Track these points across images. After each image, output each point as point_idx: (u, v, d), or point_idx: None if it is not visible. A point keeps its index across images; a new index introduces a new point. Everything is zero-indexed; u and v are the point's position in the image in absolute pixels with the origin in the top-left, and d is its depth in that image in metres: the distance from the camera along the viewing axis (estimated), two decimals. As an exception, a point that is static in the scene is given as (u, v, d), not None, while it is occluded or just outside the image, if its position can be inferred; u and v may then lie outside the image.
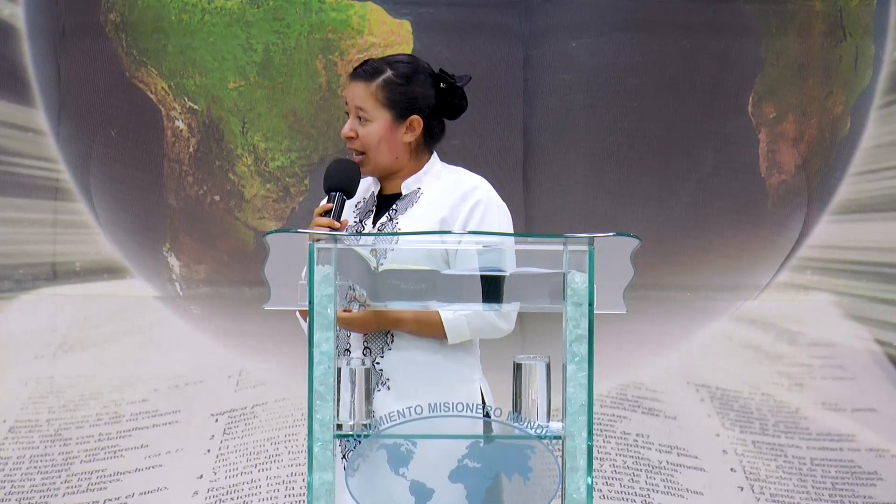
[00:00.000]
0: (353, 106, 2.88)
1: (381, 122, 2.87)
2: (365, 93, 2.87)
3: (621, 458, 4.53)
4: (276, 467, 4.47)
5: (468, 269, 2.37)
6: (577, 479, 2.22)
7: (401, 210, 2.88)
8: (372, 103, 2.87)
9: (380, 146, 2.88)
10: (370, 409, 2.32)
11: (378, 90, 2.87)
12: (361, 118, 2.87)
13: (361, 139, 2.88)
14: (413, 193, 2.90)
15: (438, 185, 2.89)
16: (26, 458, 4.54)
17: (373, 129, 2.87)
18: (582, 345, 2.23)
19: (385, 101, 2.87)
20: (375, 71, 2.89)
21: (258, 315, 4.42)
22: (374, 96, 2.87)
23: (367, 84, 2.87)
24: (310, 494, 2.22)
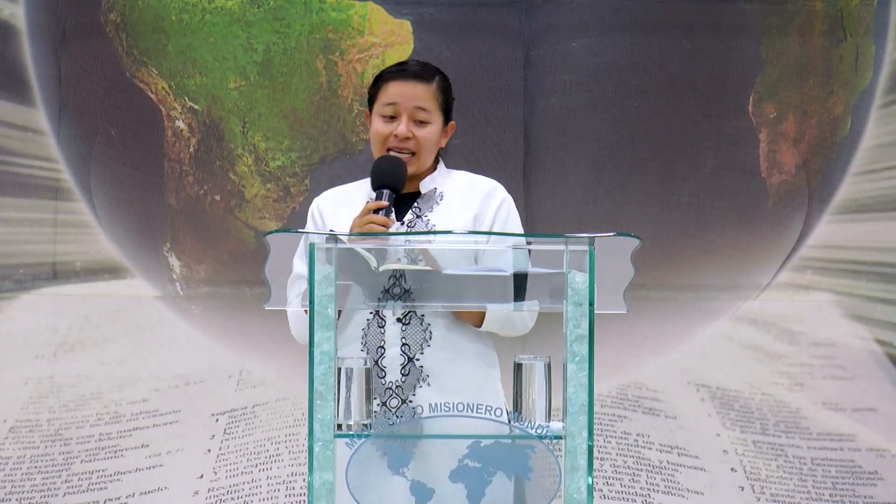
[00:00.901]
0: (413, 106, 2.84)
1: (437, 124, 2.88)
2: (427, 93, 2.86)
3: (622, 458, 4.53)
4: (276, 467, 4.47)
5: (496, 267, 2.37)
6: (578, 479, 2.22)
7: (425, 208, 2.87)
8: (433, 105, 2.87)
9: (433, 149, 2.89)
10: (370, 409, 2.32)
11: (437, 92, 2.88)
12: (421, 121, 2.85)
13: (419, 140, 2.85)
14: (432, 192, 2.89)
15: (454, 185, 2.90)
16: (27, 458, 4.54)
17: (432, 131, 2.87)
18: (582, 345, 2.23)
19: (441, 103, 2.89)
20: (430, 72, 2.89)
21: (258, 315, 4.42)
22: (435, 98, 2.87)
23: (428, 85, 2.87)
24: (310, 494, 2.22)
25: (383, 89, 2.89)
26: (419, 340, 2.81)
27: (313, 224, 2.94)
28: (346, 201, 2.94)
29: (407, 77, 2.86)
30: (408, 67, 2.89)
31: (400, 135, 2.84)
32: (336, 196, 2.98)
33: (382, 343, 2.80)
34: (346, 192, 2.97)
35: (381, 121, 2.87)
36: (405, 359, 2.78)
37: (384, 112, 2.87)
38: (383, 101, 2.87)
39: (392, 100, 2.86)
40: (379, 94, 2.89)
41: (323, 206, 2.96)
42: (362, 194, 2.94)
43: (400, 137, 2.84)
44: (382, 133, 2.86)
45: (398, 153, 2.85)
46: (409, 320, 2.80)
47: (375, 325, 2.80)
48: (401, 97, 2.85)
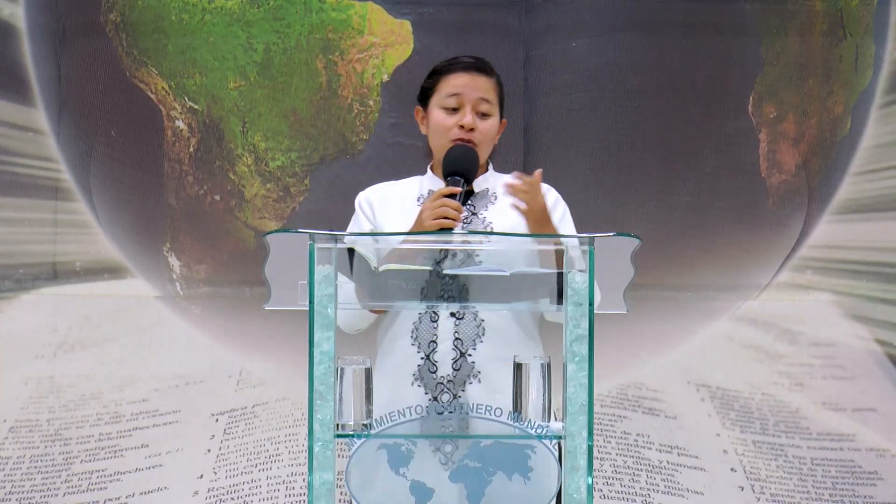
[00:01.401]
0: (477, 98, 2.85)
1: (496, 118, 2.89)
2: (489, 86, 2.87)
3: (622, 457, 4.53)
4: (276, 467, 4.47)
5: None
6: (578, 479, 2.22)
7: (480, 206, 2.87)
8: (494, 98, 2.88)
9: (491, 143, 2.89)
10: (370, 409, 2.32)
11: (496, 86, 2.90)
12: (484, 113, 2.86)
13: (481, 132, 2.85)
14: (484, 192, 2.89)
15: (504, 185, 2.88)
16: (26, 458, 4.54)
17: (493, 125, 2.88)
18: (582, 345, 2.23)
19: (499, 97, 2.91)
20: (490, 67, 2.90)
21: (258, 315, 4.43)
22: (495, 91, 2.89)
23: (489, 78, 2.89)
24: (310, 494, 2.22)
25: (444, 81, 2.88)
26: (472, 336, 2.79)
27: (363, 216, 2.92)
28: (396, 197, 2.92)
29: (469, 69, 2.86)
30: (469, 60, 2.89)
31: (466, 125, 2.83)
32: (384, 191, 2.96)
33: (434, 338, 2.79)
34: (395, 188, 2.95)
35: (444, 112, 2.86)
36: (457, 354, 2.78)
37: (447, 104, 2.86)
38: (446, 92, 2.86)
39: (456, 90, 2.85)
40: (439, 87, 2.88)
41: (372, 199, 2.94)
42: (412, 192, 2.93)
43: (466, 128, 2.83)
44: (447, 124, 2.85)
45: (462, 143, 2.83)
46: (462, 315, 2.79)
47: (428, 320, 2.79)
48: (465, 88, 2.84)
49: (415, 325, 2.80)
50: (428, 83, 2.91)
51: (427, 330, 2.79)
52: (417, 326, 2.80)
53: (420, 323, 2.80)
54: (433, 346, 2.79)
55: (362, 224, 2.92)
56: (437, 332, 2.79)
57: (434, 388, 2.76)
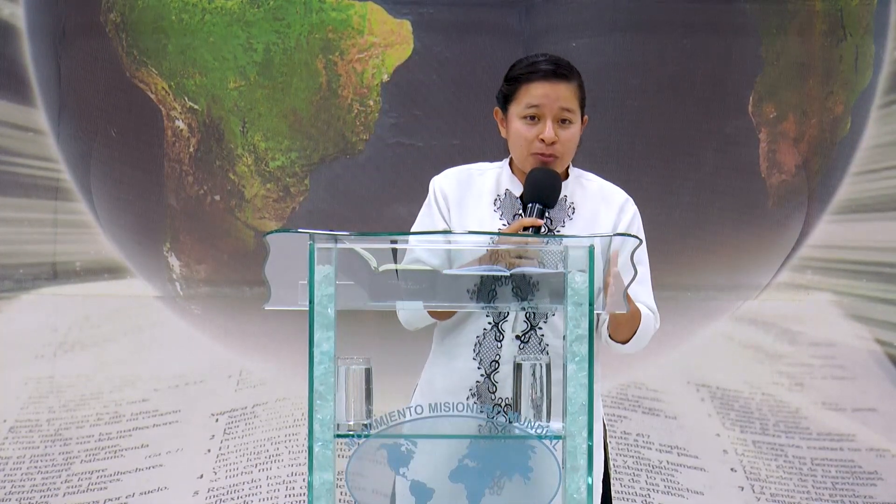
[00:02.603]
0: (559, 108, 2.72)
1: (578, 123, 2.77)
2: (570, 92, 2.75)
3: (622, 457, 4.53)
4: (276, 467, 4.47)
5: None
6: (577, 479, 2.22)
7: (557, 221, 2.76)
8: (576, 104, 2.75)
9: (574, 149, 2.78)
10: (370, 409, 2.32)
11: (577, 90, 2.77)
12: (566, 120, 2.74)
13: (563, 143, 2.73)
14: (562, 202, 2.78)
15: (585, 195, 2.80)
16: (26, 458, 4.54)
17: (575, 132, 2.76)
18: (582, 345, 2.23)
19: (581, 101, 2.77)
20: (571, 71, 2.78)
21: (258, 315, 4.43)
22: (577, 96, 2.76)
23: (570, 84, 2.76)
24: (310, 494, 2.22)
25: (524, 90, 2.75)
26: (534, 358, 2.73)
27: (437, 208, 2.80)
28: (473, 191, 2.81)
29: (550, 77, 2.73)
30: (550, 67, 2.76)
31: (548, 139, 2.71)
32: (459, 180, 2.82)
33: (497, 358, 2.72)
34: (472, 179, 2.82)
35: (524, 123, 2.74)
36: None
37: (526, 113, 2.73)
38: (526, 102, 2.74)
39: (536, 101, 2.73)
40: (518, 95, 2.76)
41: (449, 193, 2.81)
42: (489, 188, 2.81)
43: (547, 142, 2.71)
44: (527, 136, 2.73)
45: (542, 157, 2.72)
46: (527, 339, 2.72)
47: (492, 338, 2.73)
48: (545, 98, 2.72)
49: (479, 340, 2.74)
50: (507, 89, 2.79)
51: (490, 348, 2.73)
52: (481, 342, 2.74)
53: (484, 339, 2.73)
54: (495, 365, 2.73)
55: (435, 218, 2.80)
56: (500, 353, 2.73)
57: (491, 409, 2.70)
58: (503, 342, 2.73)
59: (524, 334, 2.72)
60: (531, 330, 2.72)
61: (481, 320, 2.73)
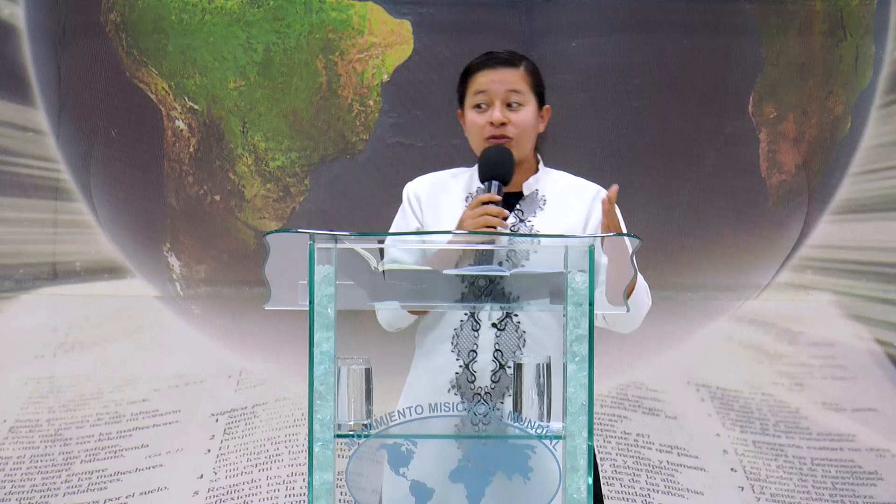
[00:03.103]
0: (505, 91, 2.78)
1: (531, 107, 2.82)
2: (516, 77, 2.80)
3: (622, 458, 4.53)
4: (276, 467, 4.47)
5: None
6: (577, 479, 2.22)
7: (528, 212, 2.80)
8: (524, 87, 2.81)
9: (530, 133, 2.82)
10: (370, 409, 2.32)
11: (526, 74, 2.82)
12: (514, 104, 2.79)
13: (516, 124, 2.79)
14: (534, 195, 2.82)
15: (556, 188, 2.84)
16: (26, 458, 4.54)
17: (527, 114, 2.80)
18: (582, 345, 2.23)
19: (532, 86, 2.83)
20: (517, 57, 2.84)
21: (258, 315, 4.43)
22: (525, 80, 2.81)
23: (516, 69, 2.82)
24: (310, 494, 2.22)
25: (472, 81, 2.83)
26: (512, 347, 2.74)
27: (410, 210, 2.85)
28: (444, 191, 2.86)
29: (494, 64, 2.81)
30: (493, 55, 2.83)
31: (496, 121, 2.77)
32: (433, 183, 2.89)
33: (475, 347, 2.74)
34: (443, 182, 2.88)
35: (475, 112, 2.81)
36: (497, 365, 2.74)
37: (476, 101, 2.81)
38: (473, 90, 2.82)
39: (482, 88, 2.80)
40: (469, 87, 2.83)
41: (421, 194, 2.87)
42: (460, 185, 2.87)
43: (496, 123, 2.77)
44: (478, 123, 2.80)
45: (495, 140, 2.78)
46: (504, 326, 2.74)
47: (469, 328, 2.75)
48: (491, 84, 2.79)
49: (456, 332, 2.76)
50: (460, 87, 2.86)
51: (468, 338, 2.75)
52: (458, 334, 2.76)
53: (461, 330, 2.75)
54: (473, 355, 2.74)
55: (409, 220, 2.86)
56: (477, 342, 2.74)
57: (472, 398, 2.72)
58: (480, 331, 2.75)
59: (500, 322, 2.74)
60: (507, 317, 2.73)
61: (458, 313, 2.74)
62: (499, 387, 2.72)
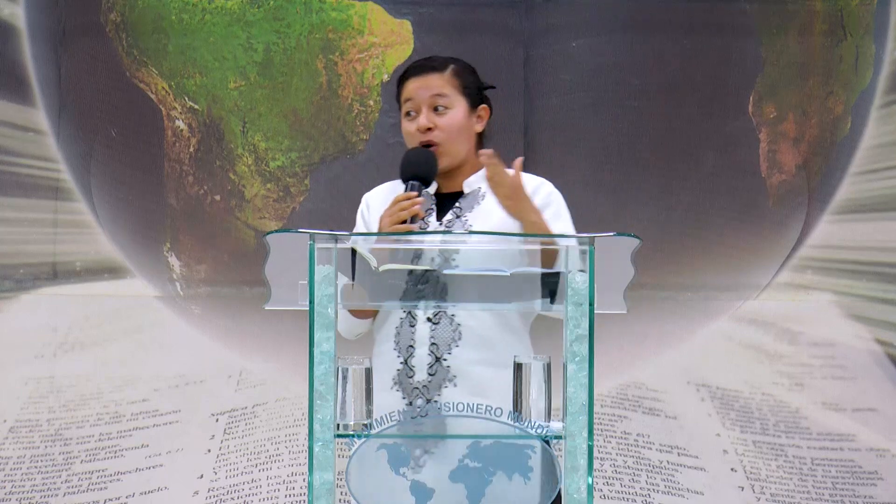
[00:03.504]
0: (430, 96, 2.84)
1: (460, 108, 2.86)
2: (441, 81, 2.85)
3: (622, 457, 4.53)
4: (276, 467, 4.47)
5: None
6: (578, 479, 2.22)
7: (466, 208, 2.85)
8: (451, 90, 2.86)
9: (460, 135, 2.86)
10: (370, 409, 2.32)
11: (453, 77, 2.87)
12: (440, 107, 2.84)
13: (442, 128, 2.84)
14: (475, 192, 2.87)
15: None
16: (26, 458, 4.54)
17: (454, 116, 2.85)
18: (582, 345, 2.23)
19: (461, 87, 2.87)
20: (442, 62, 2.89)
21: (258, 315, 4.43)
22: (451, 83, 2.86)
23: (441, 73, 2.87)
24: (310, 494, 2.22)
25: (402, 90, 2.90)
26: (447, 340, 2.78)
27: (362, 219, 2.94)
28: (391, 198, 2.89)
29: (418, 72, 2.87)
30: (419, 62, 2.91)
31: (420, 127, 2.84)
32: (384, 191, 2.95)
33: (412, 342, 2.79)
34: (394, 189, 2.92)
35: (406, 120, 2.88)
36: (433, 358, 2.77)
37: (405, 110, 2.88)
38: (403, 99, 2.89)
39: (409, 95, 2.87)
40: (400, 97, 2.91)
41: (372, 200, 2.95)
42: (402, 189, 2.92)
43: (422, 130, 2.84)
44: (409, 131, 2.87)
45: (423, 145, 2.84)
46: (438, 320, 2.79)
47: (407, 325, 2.80)
48: (416, 91, 2.86)
49: (397, 330, 2.81)
50: (396, 97, 2.93)
51: (406, 335, 2.79)
52: (399, 331, 2.80)
53: (401, 328, 2.80)
54: (411, 350, 2.79)
55: (359, 226, 2.94)
56: (414, 338, 2.79)
57: (410, 393, 2.76)
58: (416, 326, 2.79)
59: (435, 316, 2.78)
60: (441, 311, 2.77)
61: (399, 311, 2.79)
62: (435, 380, 2.77)
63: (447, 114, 2.85)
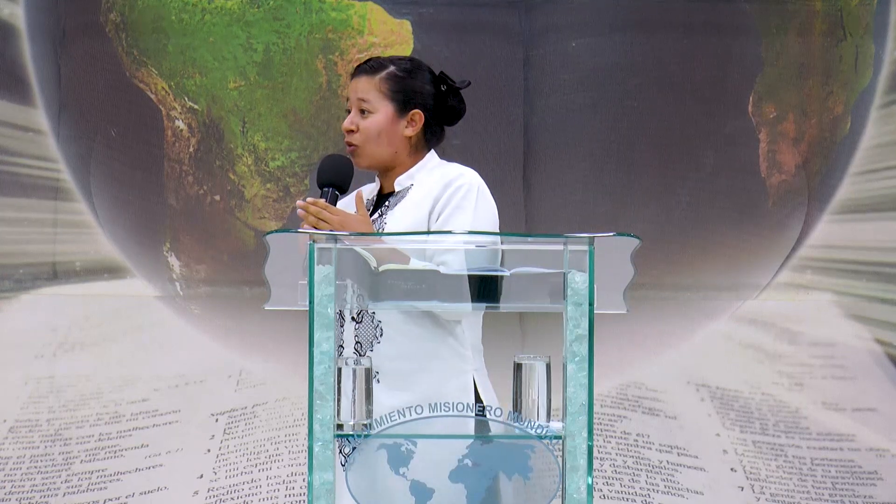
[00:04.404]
0: (356, 99, 2.90)
1: (382, 113, 2.89)
2: (368, 85, 2.90)
3: (621, 457, 4.53)
4: (276, 467, 4.47)
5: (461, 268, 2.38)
6: (578, 479, 2.22)
7: (391, 206, 2.89)
8: (375, 94, 2.89)
9: (379, 138, 2.89)
10: (370, 409, 2.32)
11: (381, 82, 2.90)
12: (364, 111, 2.89)
13: (362, 131, 2.89)
14: (405, 190, 2.90)
15: (428, 181, 2.89)
16: (26, 458, 4.54)
17: (375, 120, 2.89)
18: (582, 345, 2.23)
19: (388, 92, 2.90)
20: (379, 65, 2.92)
21: (258, 315, 4.43)
22: (378, 88, 2.89)
23: (371, 77, 2.90)
24: (310, 494, 2.22)
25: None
26: (370, 338, 2.81)
27: None
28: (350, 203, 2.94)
29: (356, 72, 2.94)
30: (361, 64, 2.95)
31: (343, 127, 2.91)
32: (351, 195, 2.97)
33: (341, 342, 2.83)
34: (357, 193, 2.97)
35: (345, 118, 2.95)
36: (357, 356, 2.79)
37: (346, 108, 2.95)
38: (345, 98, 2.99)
39: (347, 96, 2.96)
40: None
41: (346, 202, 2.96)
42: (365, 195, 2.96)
43: (344, 130, 2.91)
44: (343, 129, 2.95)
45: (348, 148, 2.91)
46: (361, 318, 2.82)
47: (338, 325, 2.81)
48: (350, 93, 2.93)
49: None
50: None
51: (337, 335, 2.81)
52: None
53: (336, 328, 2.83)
54: (340, 349, 2.82)
55: None
56: (343, 337, 2.83)
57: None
58: (344, 325, 2.82)
59: (358, 315, 2.81)
60: (363, 310, 2.80)
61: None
62: None
63: (368, 118, 2.89)
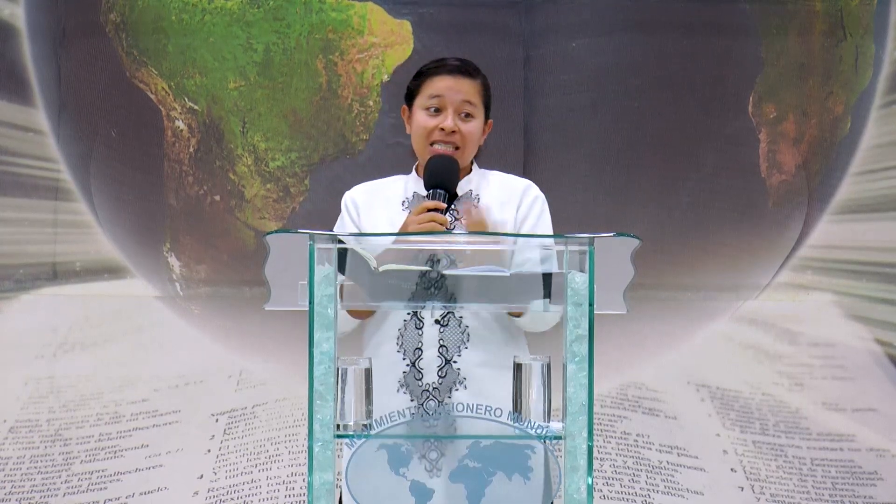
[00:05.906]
0: (460, 100, 2.85)
1: (480, 119, 2.89)
2: (473, 88, 2.87)
3: (621, 458, 4.53)
4: (276, 467, 4.47)
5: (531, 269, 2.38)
6: (578, 479, 2.22)
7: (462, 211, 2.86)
8: (478, 100, 2.88)
9: (474, 145, 2.89)
10: (370, 408, 2.32)
11: (481, 88, 2.89)
12: (468, 114, 2.86)
13: (464, 134, 2.85)
14: (468, 195, 2.89)
15: (489, 187, 2.89)
16: (26, 458, 4.54)
17: (476, 126, 2.88)
18: (582, 345, 2.23)
19: (484, 99, 2.90)
20: (475, 70, 2.90)
21: (258, 315, 4.43)
22: (479, 93, 2.88)
23: (474, 81, 2.88)
24: (310, 495, 2.22)
25: (428, 83, 2.88)
26: (457, 342, 2.79)
27: (348, 217, 2.92)
28: (381, 199, 2.92)
29: (453, 72, 2.86)
30: (453, 63, 2.89)
31: (447, 128, 2.84)
32: (370, 190, 2.96)
33: (420, 345, 2.79)
34: (380, 189, 2.94)
35: (426, 114, 2.87)
36: (442, 360, 2.77)
37: (429, 104, 2.87)
38: (429, 93, 2.87)
39: (438, 93, 2.86)
40: (422, 88, 2.89)
41: (358, 199, 2.94)
42: (397, 194, 2.93)
43: (447, 131, 2.84)
44: (428, 126, 2.86)
45: (443, 145, 2.85)
46: (447, 322, 2.79)
47: (413, 327, 2.79)
48: (448, 91, 2.85)
49: (400, 332, 2.81)
50: (413, 84, 2.92)
51: (412, 337, 2.79)
52: (403, 333, 2.80)
53: (405, 329, 2.80)
54: (419, 353, 2.79)
55: (346, 226, 2.92)
56: (422, 340, 2.79)
57: (420, 395, 2.76)
58: (423, 328, 2.79)
59: (443, 318, 2.79)
60: (450, 314, 2.78)
61: (401, 313, 2.79)
62: (446, 382, 2.77)
63: (471, 122, 2.86)
